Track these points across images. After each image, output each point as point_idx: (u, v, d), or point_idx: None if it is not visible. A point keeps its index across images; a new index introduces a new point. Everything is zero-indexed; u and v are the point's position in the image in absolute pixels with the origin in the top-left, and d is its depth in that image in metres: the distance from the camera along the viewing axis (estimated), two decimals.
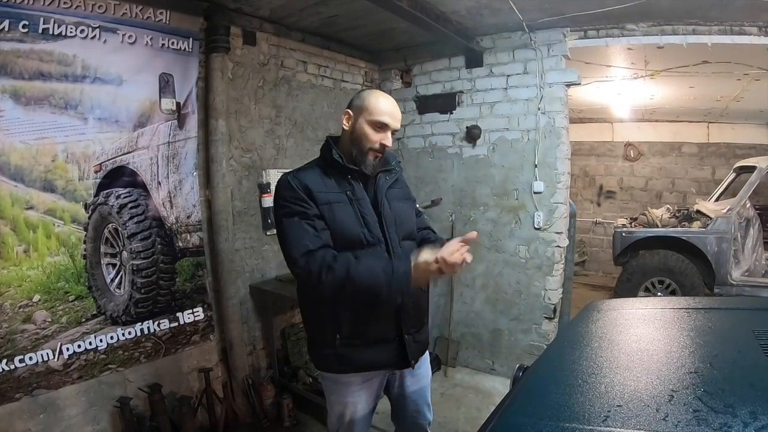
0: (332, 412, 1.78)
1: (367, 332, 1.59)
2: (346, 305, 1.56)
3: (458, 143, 3.97)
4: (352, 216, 1.59)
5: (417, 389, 1.85)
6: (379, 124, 1.59)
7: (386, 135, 1.60)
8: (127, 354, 2.64)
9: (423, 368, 1.87)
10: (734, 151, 6.91)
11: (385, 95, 1.67)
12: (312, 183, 1.59)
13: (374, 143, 1.60)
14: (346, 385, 1.70)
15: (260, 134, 3.32)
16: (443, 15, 3.12)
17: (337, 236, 1.57)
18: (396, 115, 1.63)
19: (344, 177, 1.62)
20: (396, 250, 1.63)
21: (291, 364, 3.41)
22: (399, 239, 1.66)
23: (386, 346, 1.64)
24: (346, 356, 1.61)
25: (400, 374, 1.79)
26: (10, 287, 2.25)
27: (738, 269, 4.77)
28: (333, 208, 1.57)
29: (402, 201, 1.76)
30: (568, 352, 1.32)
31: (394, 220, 1.66)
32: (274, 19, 3.24)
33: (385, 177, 1.71)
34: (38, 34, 2.22)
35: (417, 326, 1.73)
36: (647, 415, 0.89)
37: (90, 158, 2.49)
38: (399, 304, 1.59)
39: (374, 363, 1.67)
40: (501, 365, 3.86)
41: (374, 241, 1.59)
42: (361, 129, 1.61)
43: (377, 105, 1.60)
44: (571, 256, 3.79)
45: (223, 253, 3.03)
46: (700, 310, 1.55)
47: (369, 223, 1.60)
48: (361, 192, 1.63)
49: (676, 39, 3.20)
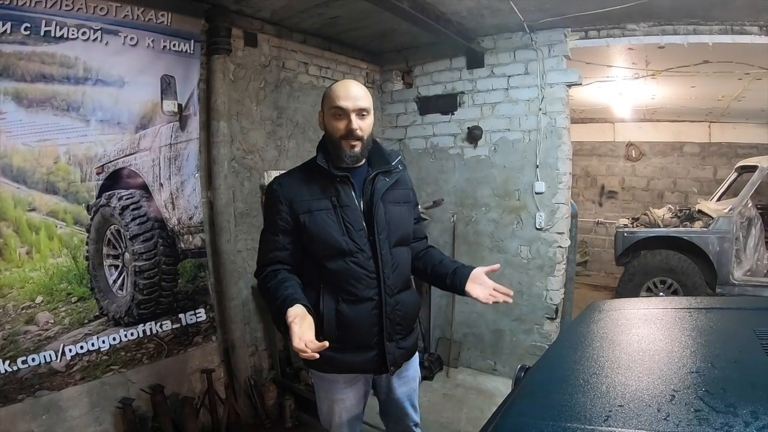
0: (322, 407, 1.80)
1: (348, 337, 1.58)
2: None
3: (459, 144, 3.97)
4: (333, 224, 1.57)
5: (404, 391, 1.84)
6: (337, 111, 1.55)
7: (350, 119, 1.54)
8: (130, 355, 2.65)
9: (411, 371, 1.86)
10: (736, 150, 6.90)
11: (343, 81, 1.64)
12: (294, 191, 1.60)
13: (340, 131, 1.55)
14: (333, 382, 1.71)
15: (262, 136, 3.33)
16: (444, 16, 3.12)
17: (320, 244, 1.58)
18: (355, 94, 1.55)
19: (331, 182, 1.60)
20: (385, 257, 1.61)
21: (293, 365, 3.41)
22: (390, 245, 1.65)
23: (367, 352, 1.63)
24: (328, 357, 1.58)
25: (387, 376, 1.77)
26: (12, 289, 2.25)
27: (740, 269, 4.76)
28: (314, 216, 1.57)
29: (400, 204, 1.72)
30: (569, 353, 1.32)
31: (387, 226, 1.64)
32: (276, 21, 3.25)
33: (384, 178, 1.66)
34: (40, 37, 2.23)
35: (402, 333, 1.71)
36: (648, 415, 0.89)
37: (92, 160, 2.50)
38: (377, 313, 1.62)
39: (354, 366, 1.67)
40: (503, 366, 3.85)
41: (355, 250, 1.58)
42: (328, 123, 1.60)
43: (331, 92, 1.58)
44: (573, 257, 3.79)
45: (225, 254, 3.03)
46: (702, 310, 1.55)
47: (351, 232, 1.58)
48: (348, 198, 1.60)
49: (677, 39, 3.20)
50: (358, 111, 1.55)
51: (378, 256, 1.60)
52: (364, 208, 1.63)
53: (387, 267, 1.62)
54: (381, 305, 1.61)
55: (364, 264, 1.59)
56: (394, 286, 1.65)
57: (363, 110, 1.56)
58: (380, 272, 1.61)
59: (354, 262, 1.58)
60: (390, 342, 1.65)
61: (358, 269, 1.59)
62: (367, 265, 1.59)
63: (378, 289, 1.61)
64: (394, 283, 1.65)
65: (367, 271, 1.59)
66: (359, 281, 1.59)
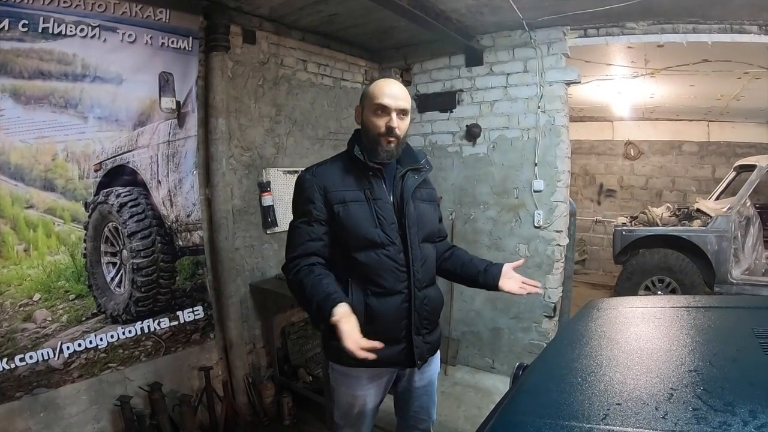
0: (339, 403, 1.77)
1: (377, 331, 1.57)
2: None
3: (458, 142, 3.97)
4: (367, 216, 1.59)
5: (424, 385, 1.84)
6: (380, 107, 1.57)
7: (390, 117, 1.56)
8: (128, 353, 2.64)
9: (433, 365, 1.86)
10: (734, 149, 6.91)
11: (386, 79, 1.66)
12: (329, 180, 1.61)
13: (379, 128, 1.58)
14: (356, 378, 1.70)
15: (260, 133, 3.32)
16: (443, 13, 3.11)
17: (351, 235, 1.58)
18: (397, 94, 1.58)
19: (365, 174, 1.62)
20: (415, 251, 1.63)
21: (291, 363, 3.41)
22: (419, 241, 1.67)
23: (395, 346, 1.63)
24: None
25: (410, 370, 1.78)
26: (10, 286, 2.25)
27: (738, 268, 4.77)
28: (348, 207, 1.58)
29: (427, 202, 1.75)
30: (567, 351, 1.32)
31: (417, 222, 1.66)
32: (274, 18, 3.24)
33: (414, 176, 1.68)
34: (38, 33, 2.22)
35: (429, 327, 1.72)
36: (646, 414, 0.90)
37: (90, 157, 2.49)
38: (407, 307, 1.62)
39: (382, 360, 1.66)
40: (501, 364, 3.86)
41: (387, 242, 1.60)
42: (367, 118, 1.61)
43: (374, 89, 1.59)
44: (571, 255, 3.79)
45: (223, 252, 3.02)
46: (700, 309, 1.55)
47: (383, 224, 1.60)
48: (380, 191, 1.62)
49: (676, 37, 3.20)
50: (399, 111, 1.58)
51: (408, 250, 1.62)
52: (395, 204, 1.64)
53: (416, 261, 1.64)
54: (410, 299, 1.63)
55: (394, 257, 1.60)
56: (422, 281, 1.67)
57: (403, 111, 1.60)
58: (410, 266, 1.62)
59: (385, 254, 1.59)
60: (417, 336, 1.66)
61: (390, 261, 1.60)
62: (398, 258, 1.61)
63: (408, 282, 1.62)
64: (423, 277, 1.66)
65: (397, 264, 1.61)
66: (390, 274, 1.60)
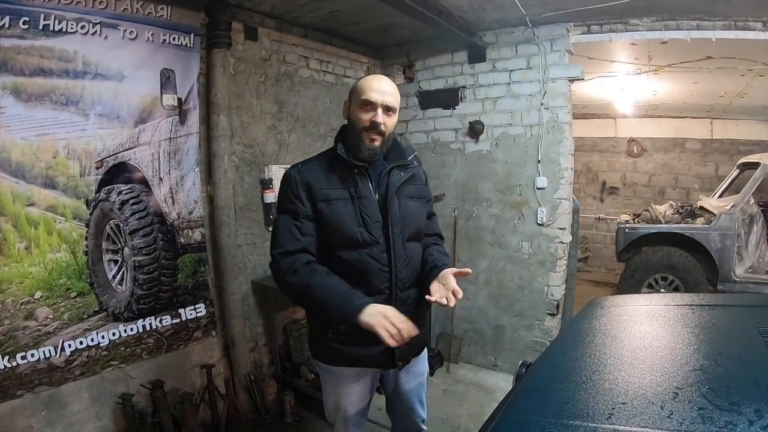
0: (328, 400, 1.80)
1: (357, 331, 1.53)
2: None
3: (461, 139, 3.96)
4: (350, 214, 1.57)
5: (411, 387, 1.83)
6: (365, 102, 1.55)
7: (376, 113, 1.55)
8: (129, 350, 2.64)
9: (419, 366, 1.86)
10: (738, 147, 6.87)
11: (374, 75, 1.65)
12: (313, 178, 1.59)
13: (364, 122, 1.56)
14: (340, 376, 1.71)
15: (262, 130, 3.31)
16: (446, 10, 3.10)
17: (335, 234, 1.57)
18: (385, 89, 1.56)
19: (350, 172, 1.60)
20: (398, 251, 1.61)
21: (293, 361, 3.41)
22: (403, 239, 1.64)
23: (374, 347, 1.58)
24: (337, 350, 1.62)
25: (395, 371, 1.77)
26: (11, 284, 2.25)
27: (741, 266, 4.76)
28: (332, 205, 1.57)
29: (415, 199, 1.72)
30: (571, 349, 1.31)
31: (401, 220, 1.63)
32: (276, 15, 3.23)
33: (400, 173, 1.66)
34: (39, 31, 2.21)
35: None
36: (652, 413, 0.88)
37: (91, 154, 2.48)
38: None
39: (362, 361, 1.66)
40: (504, 361, 3.85)
41: (371, 241, 1.58)
42: (353, 113, 1.60)
43: (363, 84, 1.59)
44: (574, 252, 3.78)
45: (225, 249, 3.02)
46: (704, 307, 1.53)
47: (367, 223, 1.58)
48: (365, 189, 1.60)
49: (679, 34, 3.18)
50: (385, 107, 1.56)
51: (391, 250, 1.60)
52: (379, 201, 1.62)
53: (400, 261, 1.62)
54: (392, 299, 1.61)
55: (377, 256, 1.59)
56: (406, 281, 1.64)
57: (390, 107, 1.58)
58: (392, 266, 1.60)
59: (368, 254, 1.58)
60: None
61: (372, 261, 1.58)
62: (380, 258, 1.59)
63: (390, 282, 1.61)
64: (406, 277, 1.64)
65: (380, 264, 1.59)
66: (372, 273, 1.58)
